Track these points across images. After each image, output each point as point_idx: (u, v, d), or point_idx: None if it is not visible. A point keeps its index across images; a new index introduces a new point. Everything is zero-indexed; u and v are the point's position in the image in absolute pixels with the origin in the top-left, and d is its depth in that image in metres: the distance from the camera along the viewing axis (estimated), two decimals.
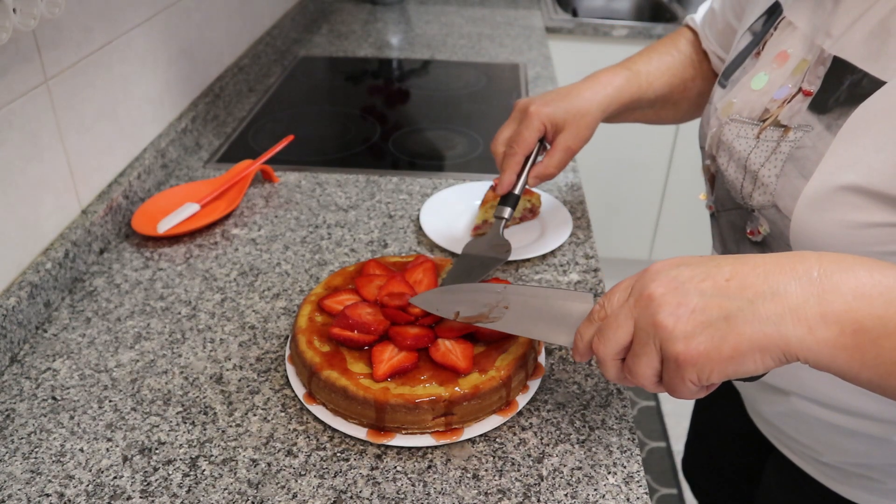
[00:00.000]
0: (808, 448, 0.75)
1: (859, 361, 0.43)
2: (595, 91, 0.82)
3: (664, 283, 0.47)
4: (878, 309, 0.42)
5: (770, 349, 0.44)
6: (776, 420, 0.78)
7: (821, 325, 0.43)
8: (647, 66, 0.84)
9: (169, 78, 1.16)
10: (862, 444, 0.69)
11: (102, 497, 0.61)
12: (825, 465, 0.74)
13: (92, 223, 0.91)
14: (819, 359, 0.43)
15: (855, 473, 0.71)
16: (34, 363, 0.76)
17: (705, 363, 0.45)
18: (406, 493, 0.61)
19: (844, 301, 0.42)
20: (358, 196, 1.07)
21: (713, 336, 0.45)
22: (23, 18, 0.72)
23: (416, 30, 1.90)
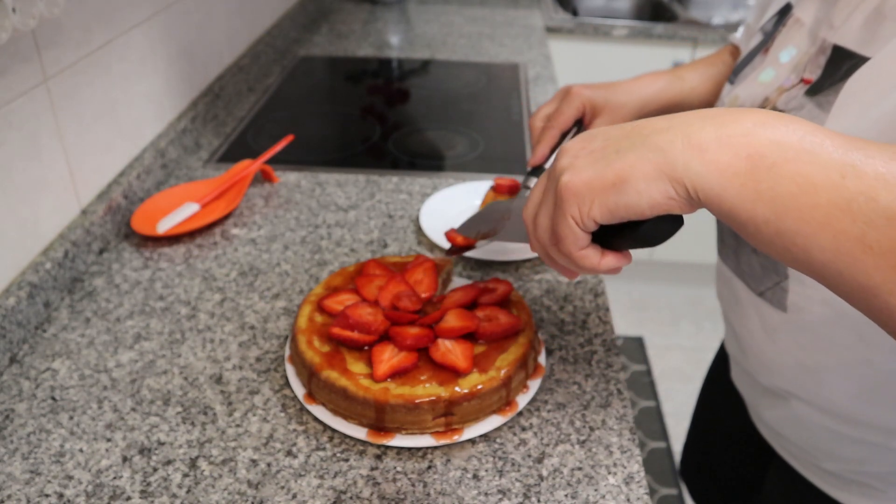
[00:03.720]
0: (808, 454, 0.75)
1: (753, 191, 0.38)
2: (637, 87, 0.83)
3: (581, 136, 0.46)
4: (779, 134, 0.38)
5: (655, 176, 0.41)
6: (777, 425, 0.78)
7: (713, 147, 0.39)
8: (692, 74, 0.86)
9: (169, 78, 1.16)
10: (862, 452, 0.68)
11: (102, 497, 0.61)
12: (825, 471, 0.74)
13: (91, 223, 0.91)
14: (708, 187, 0.39)
15: (855, 481, 0.71)
16: (33, 363, 0.75)
17: (586, 193, 0.43)
18: (406, 494, 0.61)
19: (743, 127, 0.39)
20: (358, 196, 1.06)
21: (599, 166, 0.43)
22: (22, 18, 0.72)
23: (416, 30, 1.90)
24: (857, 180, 0.35)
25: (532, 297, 0.85)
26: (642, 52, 2.03)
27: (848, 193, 0.35)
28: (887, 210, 0.34)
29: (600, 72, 1.98)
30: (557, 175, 0.45)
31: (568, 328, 0.80)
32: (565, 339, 0.79)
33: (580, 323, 0.81)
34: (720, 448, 1.05)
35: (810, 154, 0.37)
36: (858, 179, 0.35)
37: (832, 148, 0.37)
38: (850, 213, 0.35)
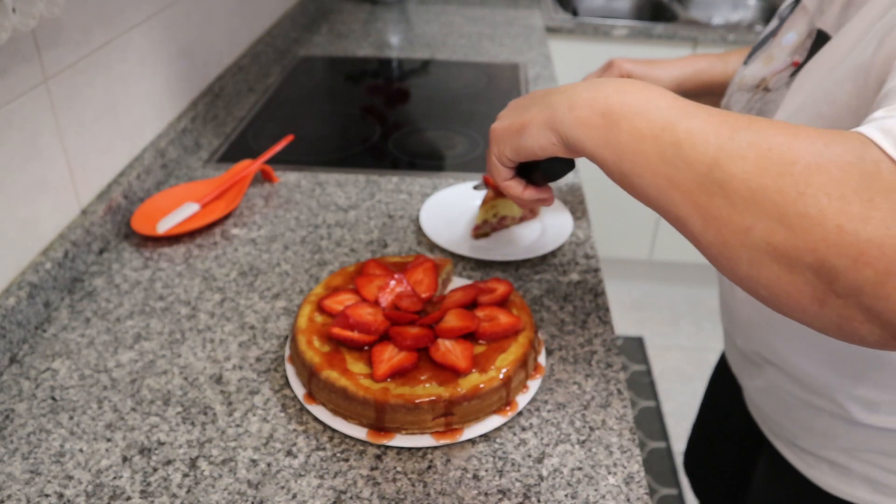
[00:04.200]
0: (785, 430, 0.76)
1: (603, 140, 0.49)
2: (677, 65, 0.88)
3: (518, 98, 0.58)
4: (629, 97, 0.48)
5: (543, 126, 0.53)
6: (759, 399, 0.80)
7: (580, 106, 0.50)
8: (737, 57, 0.88)
9: (169, 78, 1.16)
10: (828, 424, 0.70)
11: (102, 497, 0.61)
12: (801, 449, 0.75)
13: (91, 223, 0.91)
14: (574, 136, 0.51)
15: (825, 459, 0.72)
16: (33, 363, 0.75)
17: (502, 136, 0.58)
18: (406, 494, 0.61)
19: (605, 92, 0.50)
20: (358, 196, 1.06)
21: (513, 116, 0.57)
22: (22, 18, 0.72)
23: (416, 30, 1.90)
24: (671, 133, 0.45)
25: (532, 297, 0.85)
26: (642, 52, 2.03)
27: (663, 143, 0.45)
28: (688, 157, 0.43)
29: None
30: (492, 131, 0.60)
31: (568, 328, 0.80)
32: (565, 339, 0.79)
33: (580, 323, 0.81)
34: (723, 442, 1.05)
35: (644, 113, 0.47)
36: (672, 133, 0.45)
37: (663, 109, 0.46)
38: (664, 158, 0.45)
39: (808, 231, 0.38)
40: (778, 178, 0.39)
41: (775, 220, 0.39)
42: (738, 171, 0.41)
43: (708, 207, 0.42)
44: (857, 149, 0.39)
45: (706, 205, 0.43)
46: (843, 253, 0.37)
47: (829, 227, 0.37)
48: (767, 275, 0.41)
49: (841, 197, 0.37)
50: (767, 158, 0.40)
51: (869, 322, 0.38)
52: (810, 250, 0.38)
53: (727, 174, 0.41)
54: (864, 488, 0.70)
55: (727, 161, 0.41)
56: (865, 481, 0.70)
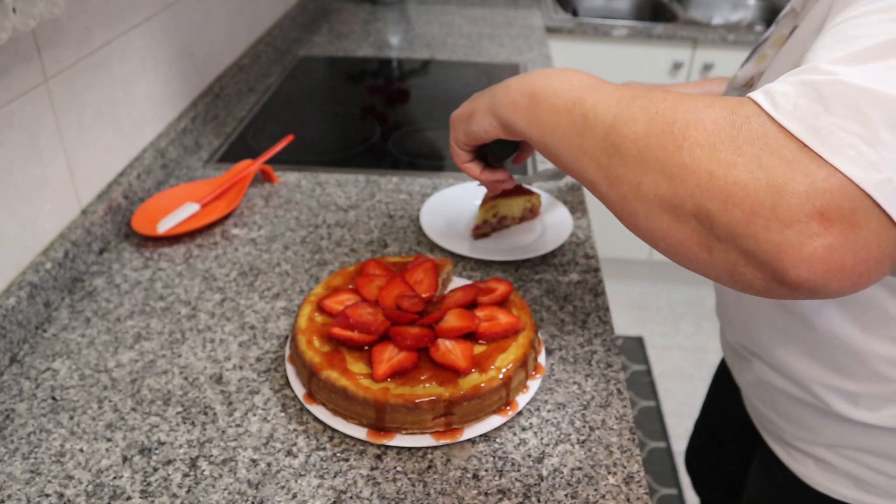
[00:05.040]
0: (774, 425, 0.77)
1: (528, 119, 0.56)
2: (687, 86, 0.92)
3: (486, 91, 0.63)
4: (552, 80, 0.55)
5: (486, 112, 0.61)
6: (750, 395, 0.80)
7: (513, 91, 0.57)
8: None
9: (169, 78, 1.16)
10: (810, 417, 0.71)
11: (102, 497, 0.61)
12: (788, 444, 0.76)
13: (92, 223, 0.91)
14: (507, 117, 0.58)
15: (811, 455, 0.73)
16: (34, 363, 0.75)
17: (457, 122, 0.67)
18: (406, 494, 0.61)
19: (533, 77, 0.57)
20: (358, 196, 1.07)
21: (466, 106, 0.65)
22: (22, 18, 0.72)
23: (416, 30, 1.90)
24: (580, 107, 0.51)
25: (532, 297, 0.85)
26: (642, 53, 2.03)
27: (574, 117, 0.51)
28: (592, 126, 0.49)
29: (600, 72, 1.98)
30: None
31: (568, 328, 0.80)
32: (565, 339, 0.79)
33: (580, 323, 0.81)
34: (723, 439, 1.06)
35: (560, 92, 0.53)
36: (581, 106, 0.51)
37: (576, 88, 0.52)
38: (576, 130, 0.51)
39: (685, 179, 0.42)
40: (660, 136, 0.44)
41: (659, 173, 0.44)
42: (630, 133, 0.46)
43: (608, 168, 0.48)
44: (734, 107, 0.42)
45: (607, 166, 0.48)
46: (714, 196, 0.41)
47: (701, 174, 0.41)
48: (661, 225, 0.45)
49: (712, 146, 0.41)
50: (653, 120, 0.45)
51: (750, 265, 0.41)
52: (689, 196, 0.42)
53: (621, 136, 0.47)
54: (848, 485, 0.71)
55: (621, 125, 0.47)
56: (849, 478, 0.71)
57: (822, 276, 0.39)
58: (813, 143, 0.38)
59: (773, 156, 0.39)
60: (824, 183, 0.37)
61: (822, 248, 0.38)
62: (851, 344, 0.64)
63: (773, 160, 0.39)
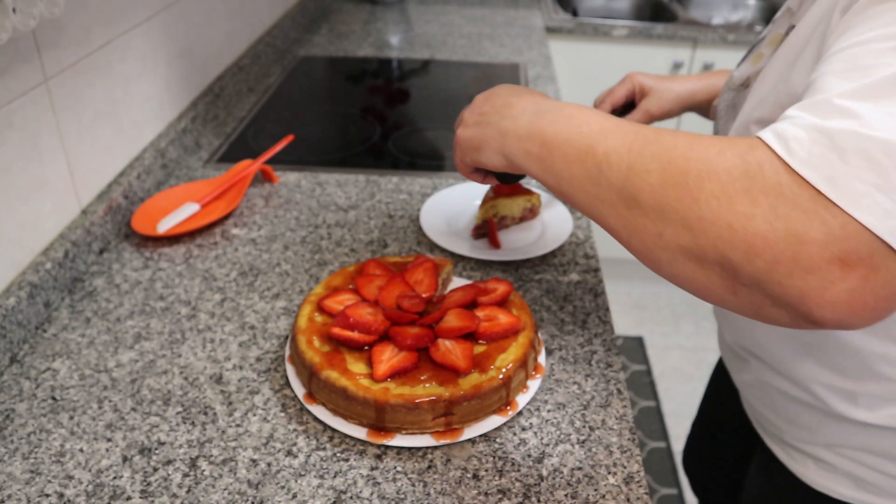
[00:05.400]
0: (773, 425, 0.77)
1: (542, 167, 0.55)
2: (690, 79, 0.94)
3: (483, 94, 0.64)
4: (560, 126, 0.54)
5: (496, 150, 0.60)
6: (749, 395, 0.81)
7: (525, 137, 0.57)
8: None
9: (169, 78, 1.16)
10: (809, 417, 0.71)
11: (102, 497, 0.61)
12: (788, 444, 0.76)
13: (92, 223, 0.91)
14: (521, 163, 0.57)
15: (810, 455, 0.73)
16: (34, 363, 0.75)
17: (464, 146, 0.64)
18: (406, 493, 0.61)
19: (542, 123, 0.55)
20: (358, 196, 1.07)
21: (474, 130, 0.62)
22: (22, 18, 0.72)
23: (416, 30, 1.90)
24: (593, 157, 0.50)
25: (532, 297, 0.85)
26: (642, 53, 2.03)
27: (588, 167, 0.51)
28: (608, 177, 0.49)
29: (600, 72, 1.98)
30: (458, 124, 0.65)
31: (568, 328, 0.80)
32: (565, 339, 0.79)
33: (580, 323, 0.81)
34: (722, 440, 1.06)
35: (571, 140, 0.53)
36: (594, 156, 0.50)
37: (585, 135, 0.52)
38: (591, 179, 0.50)
39: (706, 231, 0.43)
40: (676, 188, 0.44)
41: (680, 225, 0.44)
42: (645, 185, 0.46)
43: (628, 218, 0.48)
44: (744, 153, 0.42)
45: (626, 216, 0.48)
46: (736, 248, 0.42)
47: (721, 226, 0.42)
48: (685, 272, 0.45)
49: (728, 198, 0.42)
50: (667, 171, 0.45)
51: (776, 306, 0.42)
52: (712, 248, 0.43)
53: (637, 188, 0.47)
54: (848, 485, 0.71)
55: (636, 177, 0.47)
56: (849, 478, 0.71)
57: (845, 316, 0.40)
58: (829, 191, 0.39)
59: (790, 205, 0.40)
60: (842, 231, 0.38)
61: (845, 292, 0.39)
62: (850, 344, 0.64)
63: (789, 209, 0.40)
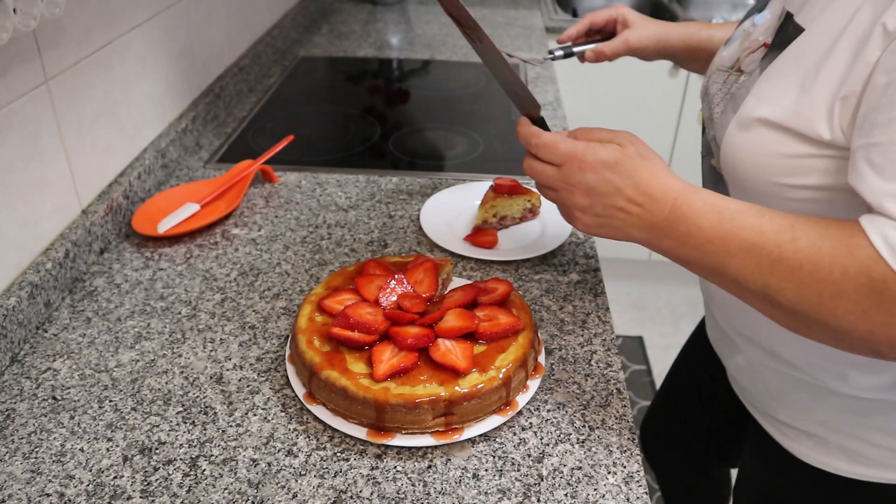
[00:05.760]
0: (766, 405, 0.79)
1: (688, 268, 0.60)
2: (667, 25, 1.00)
3: (585, 187, 0.60)
4: (683, 252, 0.58)
5: (635, 240, 0.61)
6: (740, 376, 0.82)
7: (654, 249, 0.60)
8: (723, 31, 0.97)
9: (169, 78, 1.16)
10: (804, 395, 0.73)
11: (103, 497, 0.61)
12: (781, 423, 0.77)
13: (92, 223, 0.91)
14: (665, 257, 0.61)
15: (805, 432, 0.75)
16: (34, 363, 0.76)
17: (589, 228, 0.63)
18: (406, 493, 0.61)
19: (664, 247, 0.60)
20: (358, 196, 1.07)
21: (597, 227, 0.62)
22: (23, 18, 0.72)
23: (416, 30, 1.90)
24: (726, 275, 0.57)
25: (532, 297, 0.85)
26: None
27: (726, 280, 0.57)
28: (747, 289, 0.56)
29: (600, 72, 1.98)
30: (569, 207, 0.63)
31: (568, 328, 0.80)
32: (565, 339, 0.79)
33: (580, 323, 0.81)
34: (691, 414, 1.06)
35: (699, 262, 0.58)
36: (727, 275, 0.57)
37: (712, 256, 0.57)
38: (731, 287, 0.58)
39: (848, 336, 0.52)
40: (814, 306, 0.52)
41: (823, 328, 0.53)
42: (784, 301, 0.53)
43: (776, 317, 0.56)
44: (868, 269, 0.49)
45: (772, 314, 0.56)
46: (879, 342, 0.51)
47: (862, 332, 0.50)
48: (841, 348, 0.54)
49: (863, 313, 0.50)
50: (801, 290, 0.52)
51: None
52: (858, 346, 0.52)
53: (776, 301, 0.54)
54: (841, 458, 0.73)
55: (774, 294, 0.54)
56: (843, 451, 0.72)
57: None
58: None
59: None
60: None
61: None
62: None
63: None
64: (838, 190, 0.57)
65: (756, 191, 0.63)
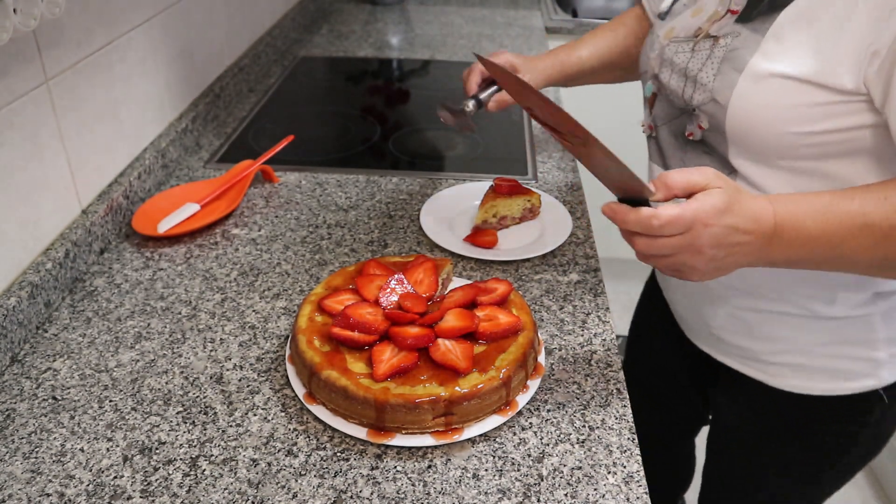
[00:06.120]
0: (747, 350, 0.84)
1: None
2: (545, 60, 1.05)
3: (712, 241, 0.60)
4: (794, 253, 0.62)
5: (733, 270, 0.64)
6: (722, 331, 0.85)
7: (769, 264, 0.64)
8: (585, 49, 1.06)
9: (169, 78, 1.16)
10: (789, 329, 0.79)
11: (103, 497, 0.61)
12: (763, 362, 0.83)
13: (92, 223, 0.91)
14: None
15: (788, 364, 0.81)
16: (34, 363, 0.76)
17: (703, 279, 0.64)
18: (406, 493, 0.61)
19: (775, 258, 0.63)
20: (358, 196, 1.07)
21: (714, 272, 0.63)
22: (23, 18, 0.72)
23: (416, 30, 1.90)
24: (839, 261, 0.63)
25: (532, 297, 0.85)
26: None
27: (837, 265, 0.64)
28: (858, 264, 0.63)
29: None
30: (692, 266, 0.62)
31: (568, 328, 0.80)
32: (565, 338, 0.79)
33: (580, 323, 0.81)
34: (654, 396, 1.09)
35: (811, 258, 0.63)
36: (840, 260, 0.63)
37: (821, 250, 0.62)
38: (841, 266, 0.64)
39: None
40: None
41: None
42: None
43: (889, 275, 0.65)
44: None
45: (888, 275, 0.65)
46: None
47: None
48: None
49: None
50: None
51: None
52: None
53: (891, 270, 0.63)
54: (823, 378, 0.81)
55: (889, 269, 0.63)
56: (824, 372, 0.80)
57: None
58: None
59: None
60: None
61: None
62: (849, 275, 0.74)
63: None
64: (846, 131, 0.65)
65: (765, 143, 0.68)
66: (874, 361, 0.79)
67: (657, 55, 0.81)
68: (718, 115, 0.71)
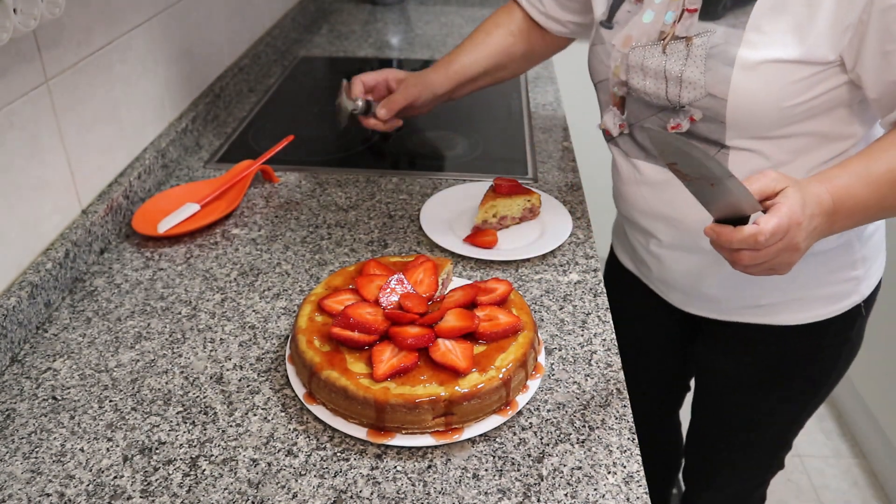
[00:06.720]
0: (749, 299, 0.90)
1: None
2: (438, 72, 1.06)
3: (804, 235, 0.65)
4: (851, 223, 0.71)
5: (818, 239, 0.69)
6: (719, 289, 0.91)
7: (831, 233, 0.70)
8: (468, 57, 1.06)
9: (169, 78, 1.16)
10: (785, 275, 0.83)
11: (103, 497, 0.61)
12: (764, 307, 0.90)
13: (92, 223, 0.91)
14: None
15: (784, 301, 0.89)
16: (34, 363, 0.76)
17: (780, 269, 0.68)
18: (406, 493, 0.61)
19: (835, 228, 0.69)
20: (358, 196, 1.07)
21: (798, 259, 0.67)
22: (23, 18, 0.72)
23: (416, 30, 1.90)
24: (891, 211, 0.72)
25: (532, 297, 0.85)
26: None
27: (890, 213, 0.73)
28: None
29: None
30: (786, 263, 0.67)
31: (568, 328, 0.80)
32: (565, 339, 0.79)
33: (580, 323, 0.81)
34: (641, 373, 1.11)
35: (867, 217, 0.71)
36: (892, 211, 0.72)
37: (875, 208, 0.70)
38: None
39: None
40: None
41: None
42: None
43: None
44: None
45: None
46: None
47: None
48: None
49: None
50: None
51: None
52: None
53: None
54: (819, 305, 0.89)
55: None
56: (820, 300, 0.89)
57: None
58: None
59: None
60: None
61: None
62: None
63: None
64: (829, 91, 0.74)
65: (764, 121, 0.75)
66: (856, 279, 0.89)
67: (621, 62, 0.84)
68: (716, 108, 0.76)
